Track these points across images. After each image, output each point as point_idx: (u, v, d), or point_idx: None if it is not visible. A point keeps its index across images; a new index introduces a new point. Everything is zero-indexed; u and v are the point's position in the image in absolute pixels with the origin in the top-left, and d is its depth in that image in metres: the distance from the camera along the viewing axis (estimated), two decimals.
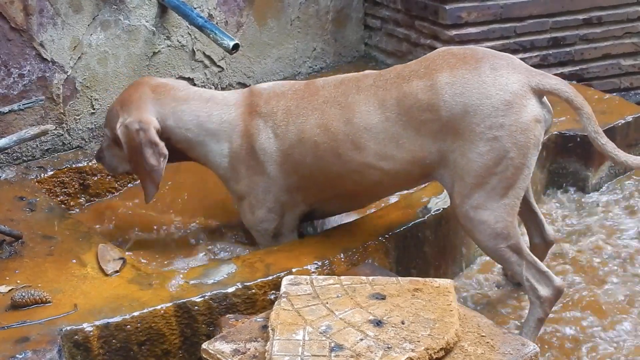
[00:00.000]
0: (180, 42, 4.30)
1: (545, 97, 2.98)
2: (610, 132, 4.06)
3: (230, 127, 3.27)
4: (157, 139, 3.25)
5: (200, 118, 3.30)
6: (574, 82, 4.66)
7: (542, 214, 3.42)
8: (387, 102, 3.03)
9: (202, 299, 2.92)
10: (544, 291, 3.04)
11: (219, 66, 4.50)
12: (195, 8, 4.18)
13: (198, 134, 3.30)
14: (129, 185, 4.05)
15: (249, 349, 2.50)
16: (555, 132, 4.07)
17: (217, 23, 4.34)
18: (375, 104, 3.05)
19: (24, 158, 3.94)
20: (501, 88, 2.90)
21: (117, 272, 3.06)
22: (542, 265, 3.08)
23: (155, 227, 3.72)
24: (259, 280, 3.01)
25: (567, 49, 4.70)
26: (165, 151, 3.26)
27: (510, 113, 2.88)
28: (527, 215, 3.33)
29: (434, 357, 2.39)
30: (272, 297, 2.98)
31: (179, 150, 3.36)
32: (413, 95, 2.98)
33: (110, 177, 3.99)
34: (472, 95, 2.90)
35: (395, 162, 3.06)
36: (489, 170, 2.92)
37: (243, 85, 4.61)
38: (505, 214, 2.98)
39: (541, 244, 3.37)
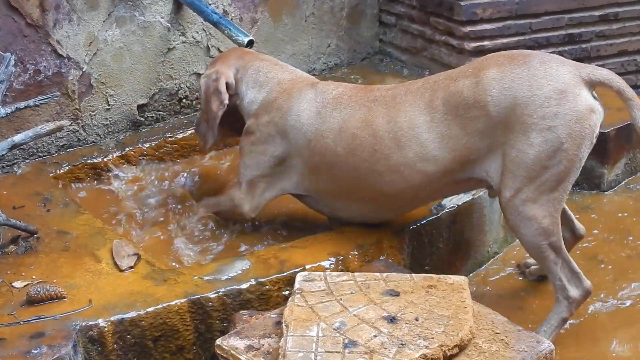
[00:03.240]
0: (195, 39, 4.30)
1: (595, 91, 2.93)
2: (627, 130, 4.04)
3: (276, 82, 3.41)
4: (223, 87, 3.43)
5: (259, 73, 3.47)
6: None
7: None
8: (434, 103, 3.02)
9: (216, 295, 2.93)
10: (573, 292, 3.02)
11: None
12: (210, 4, 4.19)
13: (247, 82, 3.46)
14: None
15: (263, 345, 2.50)
16: None
17: (231, 19, 4.34)
18: (422, 105, 3.05)
19: (40, 154, 3.95)
20: (552, 78, 2.86)
21: (131, 267, 3.07)
22: (576, 266, 3.05)
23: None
24: (273, 276, 3.01)
25: (583, 46, 4.68)
26: (226, 100, 3.42)
27: (564, 101, 2.84)
28: None
29: (448, 354, 2.39)
30: (286, 293, 2.98)
31: (234, 107, 3.49)
32: (459, 93, 2.97)
33: None
34: (521, 87, 2.87)
35: (437, 164, 3.03)
36: (542, 162, 2.88)
37: None
38: (553, 209, 2.94)
39: (570, 238, 3.32)
